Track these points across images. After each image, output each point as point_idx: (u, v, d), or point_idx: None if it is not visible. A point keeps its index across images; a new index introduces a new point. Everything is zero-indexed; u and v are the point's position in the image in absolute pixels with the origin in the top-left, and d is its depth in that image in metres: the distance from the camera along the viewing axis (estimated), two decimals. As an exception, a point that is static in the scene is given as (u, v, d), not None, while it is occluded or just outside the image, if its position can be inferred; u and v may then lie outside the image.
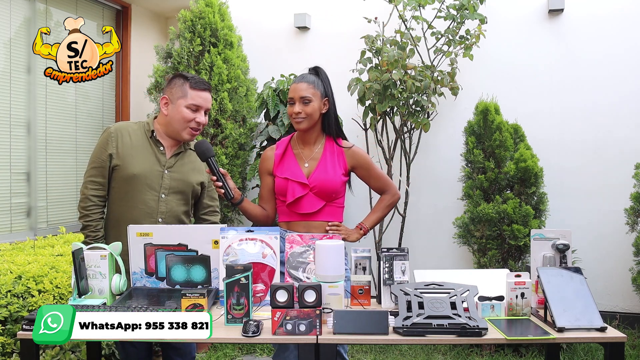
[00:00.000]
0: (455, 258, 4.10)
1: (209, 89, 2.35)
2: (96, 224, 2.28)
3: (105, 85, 4.39)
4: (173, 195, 2.31)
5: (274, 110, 3.99)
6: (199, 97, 2.29)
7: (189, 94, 2.28)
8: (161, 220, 2.28)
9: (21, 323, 1.94)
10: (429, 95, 3.77)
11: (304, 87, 2.27)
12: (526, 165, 3.60)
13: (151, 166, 2.28)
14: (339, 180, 2.29)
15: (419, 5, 3.72)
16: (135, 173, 2.25)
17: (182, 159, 2.36)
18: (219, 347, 3.69)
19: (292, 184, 2.27)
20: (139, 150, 2.29)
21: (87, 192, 2.27)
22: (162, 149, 2.32)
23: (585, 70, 3.98)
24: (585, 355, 3.50)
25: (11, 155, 3.61)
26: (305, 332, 1.69)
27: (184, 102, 2.27)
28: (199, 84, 2.30)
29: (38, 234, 3.74)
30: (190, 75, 2.33)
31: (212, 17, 3.96)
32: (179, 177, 2.32)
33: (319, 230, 2.27)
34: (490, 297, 1.89)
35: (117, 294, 2.04)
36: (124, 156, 2.27)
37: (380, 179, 2.41)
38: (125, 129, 2.32)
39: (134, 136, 2.31)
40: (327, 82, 2.35)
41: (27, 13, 3.70)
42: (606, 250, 3.91)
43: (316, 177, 2.27)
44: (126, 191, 2.27)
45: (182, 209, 2.35)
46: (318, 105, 2.28)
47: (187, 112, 2.28)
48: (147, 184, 2.26)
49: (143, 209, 2.26)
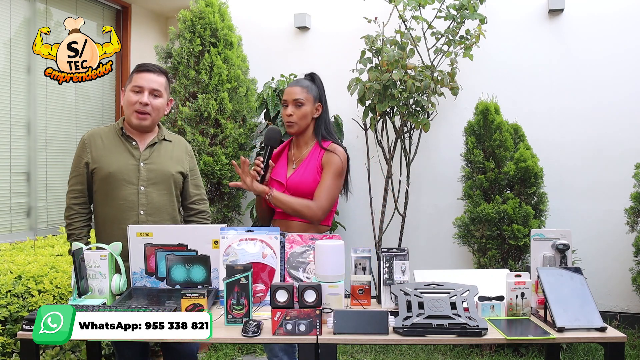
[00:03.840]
0: (455, 258, 4.10)
1: (155, 71, 2.34)
2: (79, 232, 2.31)
3: (105, 85, 4.39)
4: (153, 187, 2.32)
5: (274, 110, 3.99)
6: (140, 78, 2.31)
7: (134, 78, 2.32)
8: (143, 212, 2.29)
9: (21, 323, 1.95)
10: (429, 95, 3.77)
11: (298, 90, 2.34)
12: (526, 165, 3.60)
13: (125, 161, 2.31)
14: (314, 180, 2.30)
15: (419, 5, 3.72)
16: (111, 171, 2.28)
17: (157, 150, 2.37)
18: (219, 347, 3.69)
19: (272, 182, 2.36)
20: (111, 150, 2.32)
21: (68, 201, 2.34)
22: (134, 144, 2.34)
23: (585, 70, 3.98)
24: (585, 355, 3.50)
25: (11, 155, 3.61)
26: (305, 332, 1.69)
27: (129, 87, 2.32)
28: (142, 66, 2.34)
29: (38, 234, 3.75)
30: (140, 63, 2.37)
31: (212, 17, 3.96)
32: (156, 168, 2.34)
33: (296, 229, 2.26)
34: (490, 297, 1.89)
35: (117, 294, 2.04)
36: (98, 159, 2.30)
37: (321, 187, 2.26)
38: (98, 133, 2.37)
39: (105, 138, 2.35)
40: (322, 88, 2.41)
41: (27, 13, 3.70)
42: (606, 250, 3.90)
43: (293, 178, 2.33)
44: (106, 191, 2.29)
45: (165, 199, 2.35)
46: (310, 109, 2.34)
47: (131, 95, 2.30)
48: (124, 179, 2.28)
49: (123, 204, 2.28)
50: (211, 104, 3.83)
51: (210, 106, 3.82)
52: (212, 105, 3.83)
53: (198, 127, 3.87)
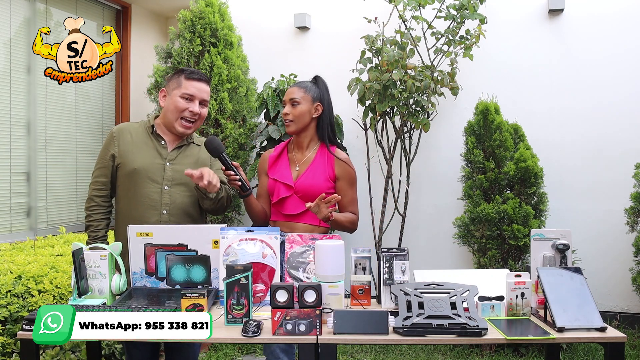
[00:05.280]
0: (455, 258, 4.10)
1: (205, 80, 2.36)
2: (97, 224, 2.30)
3: (105, 85, 4.39)
4: (176, 187, 2.32)
5: (274, 110, 3.99)
6: (192, 86, 2.31)
7: (183, 84, 2.30)
8: (166, 212, 2.28)
9: (21, 323, 1.95)
10: (429, 95, 3.77)
11: (294, 90, 2.38)
12: (526, 165, 3.60)
13: (152, 159, 2.30)
14: (324, 186, 2.32)
15: (419, 5, 3.72)
16: (136, 167, 2.28)
17: (184, 151, 2.38)
18: (219, 347, 3.69)
19: (278, 185, 2.36)
20: (139, 146, 2.32)
21: (90, 192, 2.33)
22: (163, 143, 2.35)
23: (585, 70, 3.98)
24: (585, 355, 3.50)
25: (11, 155, 3.61)
26: (305, 332, 1.69)
27: (178, 92, 2.30)
28: (193, 74, 2.33)
29: (38, 234, 3.75)
30: (187, 68, 2.36)
31: (212, 17, 3.96)
32: (181, 169, 2.32)
33: (301, 231, 2.28)
34: (490, 297, 1.89)
35: (117, 294, 2.04)
36: (125, 153, 2.30)
37: (351, 200, 2.38)
38: (127, 128, 2.37)
39: (134, 134, 2.35)
40: (324, 89, 2.41)
41: (27, 13, 3.70)
42: (606, 250, 3.91)
43: (302, 181, 2.33)
44: (129, 187, 2.29)
45: (187, 200, 2.35)
46: (307, 108, 2.35)
47: (181, 102, 2.29)
48: (149, 177, 2.28)
49: (146, 202, 2.27)
50: (211, 104, 3.83)
51: (210, 106, 3.82)
52: (212, 105, 3.83)
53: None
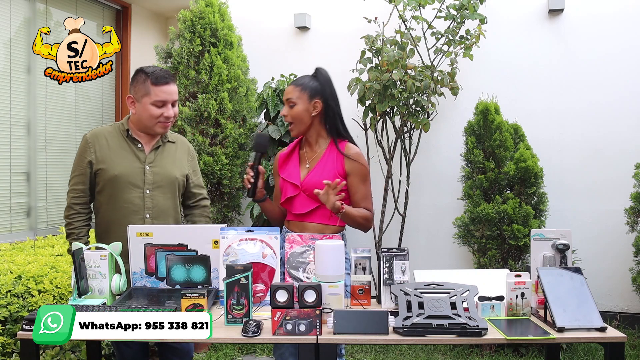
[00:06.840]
0: (455, 258, 4.10)
1: (172, 80, 2.30)
2: (79, 232, 2.29)
3: (105, 85, 4.39)
4: (158, 190, 2.31)
5: (274, 110, 3.99)
6: (162, 92, 2.25)
7: (152, 90, 2.24)
8: (149, 216, 2.28)
9: (21, 323, 1.94)
10: (429, 95, 3.77)
11: (290, 89, 2.28)
12: (526, 165, 3.60)
13: (131, 164, 2.29)
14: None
15: (419, 5, 3.72)
16: (117, 174, 2.26)
17: (161, 152, 2.37)
18: (219, 347, 3.69)
19: (286, 184, 2.31)
20: (116, 151, 2.30)
21: (69, 200, 2.31)
22: (139, 146, 2.33)
23: (585, 70, 3.98)
24: (585, 355, 3.50)
25: (11, 155, 3.61)
26: (305, 332, 1.69)
27: (148, 100, 2.25)
28: (160, 78, 2.25)
29: (38, 234, 3.75)
30: (150, 70, 2.27)
31: (212, 17, 3.95)
32: (161, 172, 2.33)
33: (312, 231, 2.23)
34: (490, 297, 1.89)
35: (117, 294, 2.04)
36: (103, 159, 2.28)
37: (366, 198, 2.27)
38: (101, 133, 2.33)
39: (110, 138, 2.32)
40: (325, 82, 2.28)
41: (27, 13, 3.70)
42: (606, 250, 3.90)
43: (310, 179, 2.25)
44: (111, 193, 2.27)
45: (169, 202, 2.35)
46: (304, 108, 2.25)
47: (154, 109, 2.25)
48: (130, 182, 2.27)
49: (129, 208, 2.26)
50: (211, 104, 3.83)
51: (210, 106, 3.82)
52: (212, 105, 3.83)
53: (198, 127, 3.87)
